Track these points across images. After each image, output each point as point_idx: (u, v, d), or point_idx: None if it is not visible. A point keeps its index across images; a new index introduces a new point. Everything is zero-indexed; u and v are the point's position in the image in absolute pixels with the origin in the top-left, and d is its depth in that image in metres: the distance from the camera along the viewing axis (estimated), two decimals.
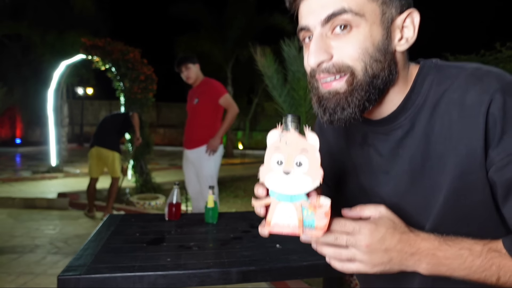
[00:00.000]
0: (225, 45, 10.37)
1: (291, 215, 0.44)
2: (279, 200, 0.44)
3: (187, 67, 2.71)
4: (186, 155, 2.80)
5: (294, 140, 0.44)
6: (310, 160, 0.43)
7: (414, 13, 0.50)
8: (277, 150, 0.44)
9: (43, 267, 2.52)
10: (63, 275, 0.97)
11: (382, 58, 0.48)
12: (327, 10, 0.47)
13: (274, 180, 0.43)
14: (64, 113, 7.04)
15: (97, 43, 4.69)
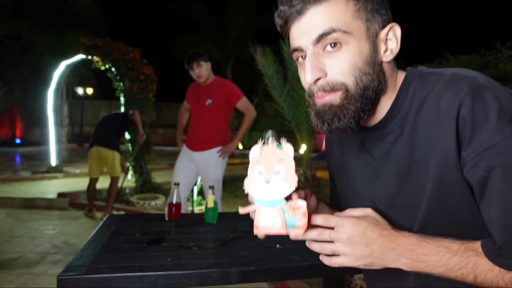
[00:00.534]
0: (225, 45, 10.37)
1: (275, 218, 0.50)
2: (263, 206, 0.51)
3: (199, 64, 2.51)
4: (188, 155, 2.64)
5: (272, 152, 0.51)
6: (287, 168, 0.50)
7: (395, 26, 0.54)
8: (258, 162, 0.51)
9: (43, 267, 2.52)
10: (63, 275, 0.97)
11: (371, 71, 0.53)
12: (317, 31, 0.51)
13: (257, 189, 0.51)
14: (64, 113, 7.04)
15: (97, 43, 4.69)
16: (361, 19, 0.52)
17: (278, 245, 1.25)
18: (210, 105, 2.54)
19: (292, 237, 0.52)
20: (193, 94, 2.65)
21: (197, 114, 2.62)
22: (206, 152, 2.56)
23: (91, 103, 14.62)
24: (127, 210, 3.99)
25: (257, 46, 4.59)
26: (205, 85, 2.60)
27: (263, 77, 4.81)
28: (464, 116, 0.48)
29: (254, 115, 2.61)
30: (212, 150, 2.55)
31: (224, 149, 2.56)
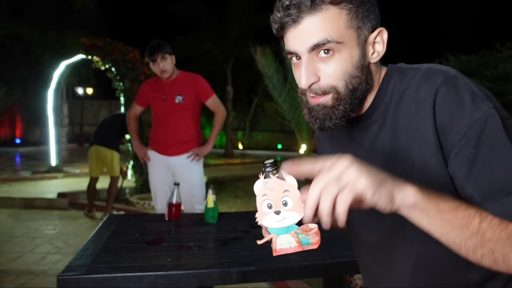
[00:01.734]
0: (225, 45, 10.36)
1: (290, 241, 0.57)
2: (278, 234, 0.56)
3: (164, 57, 2.19)
4: (162, 162, 2.30)
5: (276, 185, 0.55)
6: (293, 198, 0.54)
7: (383, 31, 0.59)
8: (265, 196, 0.56)
9: (42, 267, 2.52)
10: (62, 275, 0.97)
11: (360, 74, 0.57)
12: (312, 40, 0.54)
13: (269, 220, 0.56)
14: (64, 113, 7.04)
15: (97, 43, 4.69)
16: (353, 27, 0.55)
17: None
18: (181, 102, 2.25)
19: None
20: (155, 93, 2.30)
21: (164, 114, 2.28)
22: (182, 156, 2.27)
23: (91, 103, 14.61)
24: (127, 210, 3.99)
25: (257, 46, 4.59)
26: (168, 80, 2.27)
27: (263, 77, 4.81)
28: (440, 103, 0.53)
29: (225, 114, 2.39)
30: (188, 154, 2.29)
31: (196, 151, 2.27)
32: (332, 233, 1.46)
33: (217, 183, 5.51)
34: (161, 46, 2.19)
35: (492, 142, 0.50)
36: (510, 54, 5.12)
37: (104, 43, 4.66)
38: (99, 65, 4.82)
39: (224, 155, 10.66)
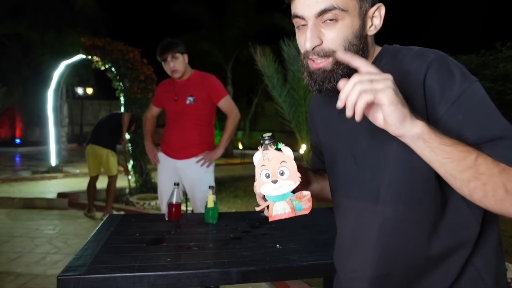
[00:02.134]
0: (225, 45, 10.36)
1: (285, 207, 0.63)
2: (274, 201, 0.62)
3: (175, 56, 2.10)
4: (171, 165, 2.22)
5: (274, 156, 0.61)
6: (289, 168, 0.61)
7: (381, 6, 0.64)
8: (263, 167, 0.61)
9: (42, 267, 2.52)
10: (62, 275, 0.97)
11: (357, 43, 0.63)
12: (320, 6, 0.59)
13: (267, 188, 0.62)
14: (64, 113, 7.04)
15: (96, 43, 4.69)
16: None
17: (278, 245, 1.25)
18: (192, 103, 2.14)
19: None
20: (168, 93, 2.24)
21: (176, 115, 2.20)
22: (193, 159, 2.17)
23: (91, 103, 14.61)
24: (127, 210, 3.98)
25: (257, 46, 4.58)
26: (181, 81, 2.20)
27: (263, 77, 4.80)
28: (431, 76, 0.58)
29: (238, 117, 2.24)
30: (199, 158, 2.18)
31: (206, 156, 2.15)
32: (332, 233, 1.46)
33: (217, 183, 5.49)
34: (172, 45, 2.10)
35: (480, 107, 0.57)
36: (511, 54, 5.12)
37: (104, 43, 4.65)
38: (99, 65, 4.82)
39: (224, 155, 10.66)
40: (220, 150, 2.20)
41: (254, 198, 4.85)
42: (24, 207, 4.22)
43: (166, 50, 2.10)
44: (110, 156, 3.67)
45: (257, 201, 0.65)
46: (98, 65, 4.83)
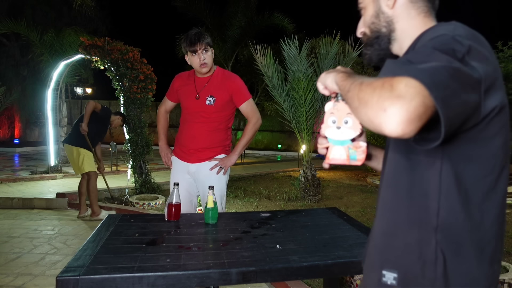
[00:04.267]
0: (225, 44, 10.36)
1: (342, 153, 0.70)
2: (334, 144, 0.71)
3: (207, 49, 1.92)
4: (184, 168, 2.06)
5: (343, 108, 0.70)
6: (353, 119, 0.69)
7: None
8: (332, 114, 0.71)
9: (41, 268, 2.51)
10: (62, 276, 0.96)
11: (376, 20, 0.78)
12: (359, 5, 0.82)
13: (331, 132, 0.71)
14: (63, 113, 7.02)
15: (96, 42, 4.68)
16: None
17: (278, 245, 1.25)
18: (212, 105, 1.97)
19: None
20: (188, 88, 2.03)
21: (193, 115, 2.02)
22: (206, 163, 2.01)
23: None
24: (125, 210, 3.97)
25: (257, 46, 4.58)
26: (204, 78, 2.01)
27: (263, 77, 4.80)
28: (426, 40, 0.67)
29: (259, 123, 2.07)
30: (214, 162, 2.03)
31: (221, 163, 2.00)
32: (333, 233, 1.45)
33: None
34: (203, 36, 1.91)
35: (421, 53, 0.58)
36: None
37: (104, 42, 4.65)
38: (98, 64, 4.81)
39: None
40: (235, 156, 2.04)
41: (254, 198, 4.84)
42: (23, 207, 4.21)
43: (198, 40, 1.89)
44: (80, 153, 3.57)
45: (319, 147, 0.75)
46: (98, 64, 4.82)
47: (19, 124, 12.75)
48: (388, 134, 0.50)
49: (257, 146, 12.84)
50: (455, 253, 0.59)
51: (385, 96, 0.49)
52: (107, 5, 12.41)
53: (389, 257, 0.64)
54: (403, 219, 0.64)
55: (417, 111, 0.47)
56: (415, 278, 0.60)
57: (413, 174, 0.63)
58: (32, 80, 10.76)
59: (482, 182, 0.61)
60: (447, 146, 0.59)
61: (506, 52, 5.21)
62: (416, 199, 0.63)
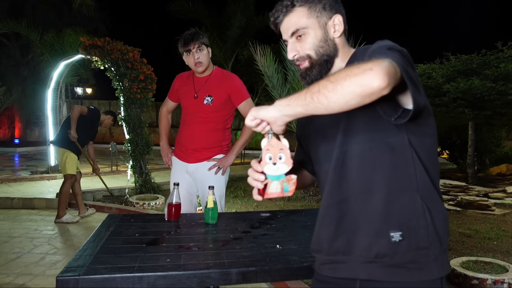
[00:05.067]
0: (225, 44, 10.36)
1: (277, 187, 0.78)
2: (272, 180, 0.77)
3: (201, 47, 1.93)
4: (183, 168, 2.07)
5: (276, 144, 0.77)
6: (286, 155, 0.77)
7: (337, 16, 0.88)
8: (268, 151, 0.77)
9: (41, 268, 2.51)
10: (62, 275, 0.96)
11: (324, 45, 0.88)
12: (290, 31, 0.89)
13: (269, 168, 0.77)
14: (63, 113, 7.00)
15: (96, 42, 4.68)
16: (313, 17, 0.87)
17: (278, 245, 1.25)
18: (209, 104, 1.97)
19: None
20: (187, 88, 2.05)
21: (191, 115, 2.02)
22: (204, 163, 2.02)
23: (91, 103, 14.55)
24: (125, 210, 3.97)
25: (257, 46, 4.58)
26: (202, 77, 2.02)
27: (263, 77, 4.80)
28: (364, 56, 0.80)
29: None
30: (212, 163, 2.03)
31: (219, 163, 2.01)
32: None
33: None
34: (197, 36, 1.94)
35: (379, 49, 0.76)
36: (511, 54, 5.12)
37: (104, 42, 4.65)
38: (99, 64, 4.81)
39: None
40: (233, 156, 2.05)
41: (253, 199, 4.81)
42: (23, 207, 4.21)
43: (192, 40, 1.92)
44: (64, 155, 3.57)
45: (251, 185, 0.80)
46: (98, 64, 4.82)
47: (19, 124, 12.75)
48: (378, 85, 0.64)
49: (257, 146, 12.80)
50: (431, 201, 0.80)
51: (368, 64, 0.65)
52: (107, 5, 12.42)
53: (392, 220, 0.79)
54: (395, 188, 0.79)
55: (392, 70, 0.66)
56: (413, 229, 0.78)
57: (394, 152, 0.79)
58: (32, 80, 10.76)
59: (433, 146, 0.83)
60: (409, 125, 0.77)
61: (506, 52, 5.20)
62: (400, 169, 0.79)
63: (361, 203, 0.81)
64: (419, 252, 0.78)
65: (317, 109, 0.69)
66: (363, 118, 0.80)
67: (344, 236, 0.83)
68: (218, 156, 2.05)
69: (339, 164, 0.84)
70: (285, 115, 0.73)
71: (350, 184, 0.82)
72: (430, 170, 0.81)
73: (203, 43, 1.95)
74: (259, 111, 0.75)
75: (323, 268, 0.88)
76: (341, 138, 0.84)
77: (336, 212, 0.84)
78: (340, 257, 0.83)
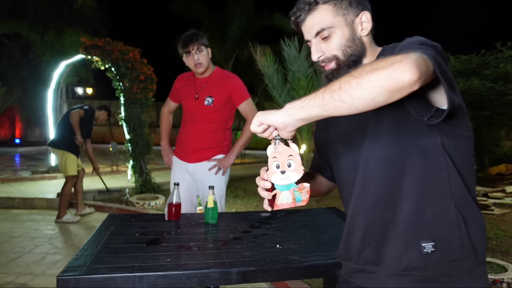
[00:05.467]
0: (225, 45, 10.36)
1: (288, 197, 0.72)
2: (281, 190, 0.71)
3: (200, 49, 1.94)
4: (183, 167, 2.08)
5: (284, 150, 0.71)
6: (295, 162, 0.71)
7: (364, 13, 0.82)
8: (275, 158, 0.71)
9: (42, 268, 2.52)
10: (62, 275, 0.96)
11: (352, 44, 0.81)
12: (314, 30, 0.82)
13: (277, 178, 0.71)
14: (64, 113, 7.02)
15: (96, 42, 4.68)
16: (339, 15, 0.80)
17: (278, 245, 1.25)
18: (210, 105, 1.98)
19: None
20: (188, 89, 2.06)
21: (192, 115, 2.04)
22: (204, 163, 2.02)
23: (91, 103, 14.46)
24: (126, 210, 3.98)
25: (257, 46, 4.58)
26: (203, 78, 2.02)
27: (263, 77, 4.80)
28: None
29: None
30: (211, 163, 2.03)
31: (219, 164, 2.01)
32: (333, 233, 1.46)
33: None
34: (197, 36, 1.94)
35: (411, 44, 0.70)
36: (511, 54, 5.12)
37: (104, 43, 4.65)
38: (99, 65, 4.82)
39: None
40: (233, 156, 2.04)
41: (254, 198, 4.84)
42: (24, 207, 4.22)
43: (191, 41, 1.92)
44: (66, 156, 3.57)
45: (261, 195, 0.75)
46: (98, 65, 4.83)
47: (20, 124, 12.75)
48: (408, 78, 0.58)
49: (257, 146, 12.83)
50: (467, 209, 0.74)
51: (397, 57, 0.60)
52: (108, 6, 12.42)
53: (423, 229, 0.73)
54: (426, 195, 0.73)
55: (423, 63, 0.60)
56: (446, 239, 0.72)
57: (426, 156, 0.73)
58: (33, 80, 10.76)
59: (468, 149, 0.78)
60: (443, 126, 0.72)
61: (505, 53, 5.20)
62: (432, 175, 0.73)
63: (390, 211, 0.75)
64: (452, 264, 0.72)
65: (338, 108, 0.62)
66: (391, 119, 0.74)
67: (372, 245, 0.78)
68: (219, 156, 2.05)
69: (364, 170, 0.78)
70: (297, 119, 0.67)
71: (377, 191, 0.77)
72: (465, 176, 0.75)
73: (203, 44, 1.95)
74: (267, 116, 0.69)
75: (354, 276, 0.84)
76: (366, 142, 0.78)
77: (363, 220, 0.79)
78: (369, 267, 0.79)
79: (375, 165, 0.77)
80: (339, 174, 0.89)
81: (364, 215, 0.79)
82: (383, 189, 0.76)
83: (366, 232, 0.78)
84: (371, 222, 0.78)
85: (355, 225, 0.81)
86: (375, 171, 0.77)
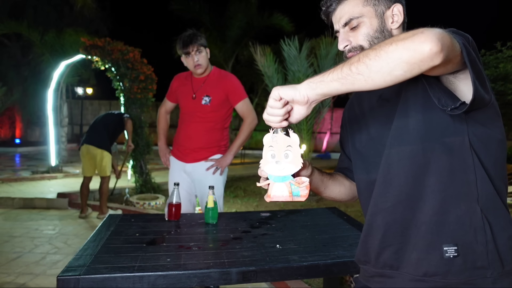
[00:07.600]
0: (225, 45, 10.37)
1: (284, 190, 0.67)
2: (275, 181, 0.67)
3: (199, 50, 1.94)
4: (180, 167, 2.08)
5: (281, 140, 0.66)
6: (293, 153, 0.66)
7: (396, 6, 0.80)
8: (271, 147, 0.66)
9: (42, 268, 2.52)
10: (62, 275, 0.96)
11: (380, 35, 0.79)
12: (343, 20, 0.81)
13: (271, 168, 0.66)
14: (64, 113, 7.02)
15: (96, 43, 4.69)
16: (369, 5, 0.79)
17: (278, 245, 1.25)
18: (207, 104, 1.98)
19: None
20: (185, 88, 2.06)
21: (189, 115, 2.03)
22: (201, 163, 2.02)
23: (91, 103, 14.60)
24: (126, 210, 3.98)
25: (257, 46, 4.58)
26: (200, 78, 2.03)
27: (263, 77, 4.80)
28: None
29: (255, 123, 2.06)
30: (209, 163, 2.03)
31: (217, 164, 2.01)
32: (333, 233, 1.46)
33: None
34: (196, 37, 1.93)
35: None
36: (511, 54, 5.12)
37: (104, 43, 4.65)
38: (99, 65, 4.82)
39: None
40: (230, 156, 2.04)
41: (254, 198, 4.84)
42: (24, 207, 4.22)
43: (190, 42, 1.92)
44: (104, 156, 3.63)
45: (258, 185, 0.72)
46: (98, 65, 4.83)
47: (20, 124, 12.75)
48: (429, 49, 0.55)
49: (257, 146, 12.84)
50: (495, 215, 0.69)
51: (418, 29, 0.57)
52: (108, 6, 12.43)
53: (446, 232, 0.69)
54: (451, 196, 0.69)
55: (448, 40, 0.57)
56: (470, 245, 0.68)
57: (452, 155, 0.69)
58: (33, 80, 10.76)
59: (501, 152, 0.73)
60: (471, 125, 0.69)
61: (505, 53, 5.21)
62: (458, 175, 0.69)
63: (411, 211, 0.71)
64: (476, 272, 0.68)
65: (356, 82, 0.60)
66: (416, 114, 0.70)
67: (391, 248, 0.74)
68: (216, 156, 2.05)
69: (386, 168, 0.74)
70: (318, 93, 0.64)
71: (399, 190, 0.72)
72: (495, 179, 0.70)
73: (202, 45, 1.95)
74: (287, 90, 0.64)
75: (372, 281, 0.80)
76: (390, 138, 0.74)
77: (382, 221, 0.75)
78: (388, 271, 0.75)
79: (398, 163, 0.72)
80: (358, 173, 0.86)
81: (384, 215, 0.74)
82: (406, 188, 0.72)
83: (386, 233, 0.74)
84: (391, 223, 0.74)
85: (374, 226, 0.77)
86: (397, 169, 0.72)
